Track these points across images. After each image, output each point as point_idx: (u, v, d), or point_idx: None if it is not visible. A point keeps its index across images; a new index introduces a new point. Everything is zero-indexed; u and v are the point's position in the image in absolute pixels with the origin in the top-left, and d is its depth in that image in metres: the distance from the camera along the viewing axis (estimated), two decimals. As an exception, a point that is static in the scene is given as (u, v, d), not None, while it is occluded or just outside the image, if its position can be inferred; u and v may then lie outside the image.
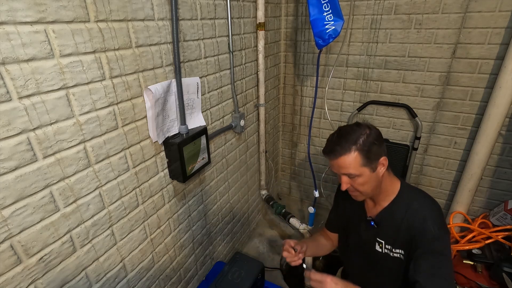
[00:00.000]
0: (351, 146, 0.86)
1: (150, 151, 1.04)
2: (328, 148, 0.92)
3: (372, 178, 0.90)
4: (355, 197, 0.98)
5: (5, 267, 0.68)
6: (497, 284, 1.52)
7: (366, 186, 0.91)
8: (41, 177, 0.71)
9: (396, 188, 0.98)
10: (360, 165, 0.87)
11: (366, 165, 0.87)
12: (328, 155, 0.92)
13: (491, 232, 1.68)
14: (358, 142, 0.86)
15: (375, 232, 1.01)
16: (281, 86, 2.24)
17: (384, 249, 1.00)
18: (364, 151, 0.86)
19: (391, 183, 0.98)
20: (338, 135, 0.91)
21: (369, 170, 0.88)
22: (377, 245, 1.02)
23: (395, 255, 0.97)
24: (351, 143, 0.86)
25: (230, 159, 1.63)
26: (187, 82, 1.10)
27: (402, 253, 0.95)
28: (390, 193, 0.98)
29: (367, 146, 0.86)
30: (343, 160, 0.87)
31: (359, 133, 0.88)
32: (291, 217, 1.85)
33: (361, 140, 0.87)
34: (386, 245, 0.99)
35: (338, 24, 1.44)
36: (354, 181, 0.90)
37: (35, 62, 0.65)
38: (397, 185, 0.99)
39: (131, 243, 1.04)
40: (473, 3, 1.50)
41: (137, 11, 0.87)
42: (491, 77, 1.59)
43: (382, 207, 1.00)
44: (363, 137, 0.87)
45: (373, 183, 0.91)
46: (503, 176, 1.77)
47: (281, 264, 1.96)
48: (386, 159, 0.91)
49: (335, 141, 0.90)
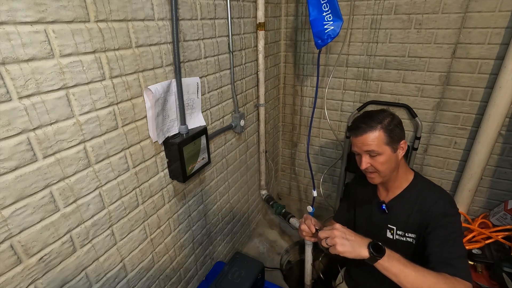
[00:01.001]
0: (376, 125, 0.93)
1: (150, 151, 1.04)
2: (354, 125, 0.97)
3: (392, 158, 0.95)
4: (371, 179, 1.01)
5: (5, 267, 0.68)
6: (497, 284, 1.52)
7: (385, 165, 0.95)
8: (41, 177, 0.71)
9: (410, 178, 1.03)
10: (383, 143, 0.93)
11: (389, 144, 0.93)
12: (354, 131, 0.97)
13: (491, 232, 1.68)
14: (383, 122, 0.94)
15: (386, 217, 1.04)
16: (281, 86, 2.24)
17: (395, 235, 1.02)
18: (388, 130, 0.93)
19: (405, 172, 1.03)
20: (364, 115, 0.98)
21: (390, 149, 0.94)
22: (388, 232, 1.04)
23: (408, 239, 1.00)
24: (377, 122, 0.93)
25: (230, 159, 1.63)
26: (187, 82, 1.10)
27: (413, 237, 0.98)
28: (403, 181, 1.02)
29: (391, 126, 0.93)
30: (368, 137, 0.93)
31: (384, 115, 0.95)
32: (291, 217, 1.85)
33: (386, 121, 0.93)
34: (398, 230, 1.02)
35: (337, 24, 1.44)
36: (374, 160, 0.95)
37: (35, 62, 0.65)
38: (411, 176, 1.03)
39: (131, 243, 1.04)
40: (473, 3, 1.50)
41: (137, 11, 0.87)
42: (491, 77, 1.59)
43: (394, 195, 1.03)
44: (388, 119, 0.94)
45: (392, 164, 0.96)
46: (503, 176, 1.77)
47: (281, 264, 1.96)
48: (406, 143, 0.97)
49: (362, 120, 0.96)
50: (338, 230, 0.81)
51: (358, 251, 0.77)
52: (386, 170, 0.96)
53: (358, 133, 0.95)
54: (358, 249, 0.78)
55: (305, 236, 1.01)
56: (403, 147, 0.97)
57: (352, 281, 1.28)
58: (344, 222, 1.26)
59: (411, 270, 0.75)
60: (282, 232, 2.20)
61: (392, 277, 0.77)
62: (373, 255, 0.76)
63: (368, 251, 0.77)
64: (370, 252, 0.76)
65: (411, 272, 0.75)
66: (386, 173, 0.97)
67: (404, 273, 0.75)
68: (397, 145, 0.95)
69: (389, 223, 1.03)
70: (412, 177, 1.03)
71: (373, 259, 0.77)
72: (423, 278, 0.74)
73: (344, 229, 0.82)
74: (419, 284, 0.74)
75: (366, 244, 0.78)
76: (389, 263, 0.76)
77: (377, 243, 0.78)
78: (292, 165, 2.53)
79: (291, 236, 2.16)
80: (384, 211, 1.04)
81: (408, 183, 1.02)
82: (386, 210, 1.03)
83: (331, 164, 2.26)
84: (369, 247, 0.77)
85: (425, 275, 0.75)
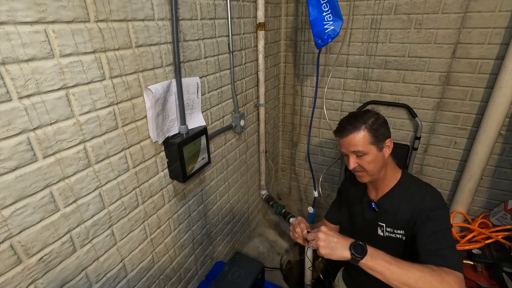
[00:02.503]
0: (361, 125, 0.95)
1: (150, 151, 1.04)
2: (339, 127, 1.00)
3: (379, 157, 0.97)
4: (360, 177, 1.03)
5: (5, 267, 0.68)
6: (497, 284, 1.52)
7: (372, 164, 0.97)
8: (41, 177, 0.71)
9: (398, 176, 1.05)
10: (368, 142, 0.94)
11: (374, 144, 0.95)
12: (339, 133, 0.99)
13: (491, 232, 1.68)
14: (367, 122, 0.95)
15: (376, 215, 1.06)
16: (281, 86, 2.24)
17: (385, 232, 1.04)
18: (373, 130, 0.94)
19: (393, 171, 1.04)
20: (349, 116, 1.00)
21: (376, 149, 0.95)
22: (379, 229, 1.06)
23: (397, 236, 1.01)
24: (361, 122, 0.95)
25: (230, 159, 1.63)
26: (187, 82, 1.10)
27: (403, 233, 1.00)
28: (392, 180, 1.04)
29: (375, 126, 0.94)
30: (353, 137, 0.95)
31: (369, 115, 0.97)
32: (291, 217, 1.85)
33: (371, 120, 0.95)
34: (387, 227, 1.03)
35: (337, 24, 1.44)
36: (361, 160, 0.97)
37: (35, 62, 0.65)
38: (399, 174, 1.05)
39: (131, 243, 1.04)
40: (473, 3, 1.50)
41: (137, 11, 0.87)
42: (491, 77, 1.59)
43: (383, 193, 1.05)
44: (373, 118, 0.96)
45: (379, 162, 0.97)
46: (503, 176, 1.77)
47: (281, 264, 1.96)
48: (392, 141, 0.99)
49: (347, 121, 0.98)
50: (321, 232, 0.83)
51: (340, 253, 0.79)
52: (374, 169, 0.97)
53: (343, 134, 0.97)
54: (339, 251, 0.80)
55: (297, 239, 1.03)
56: (389, 145, 0.98)
57: (351, 280, 1.28)
58: (336, 221, 1.28)
59: (396, 267, 0.75)
60: (282, 232, 2.20)
61: (378, 275, 0.77)
62: (354, 256, 0.77)
63: (349, 252, 0.78)
64: (351, 253, 0.78)
65: (395, 269, 0.75)
66: (374, 172, 0.98)
67: (389, 270, 0.75)
68: (382, 144, 0.97)
69: (379, 220, 1.05)
70: (399, 175, 1.04)
71: (355, 259, 0.78)
72: (407, 273, 0.74)
73: (328, 231, 0.83)
74: (405, 279, 0.74)
75: (348, 245, 0.79)
76: (372, 262, 0.77)
77: (359, 243, 0.79)
78: (292, 165, 2.53)
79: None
80: (374, 210, 1.06)
81: (396, 181, 1.03)
82: (376, 208, 1.05)
83: (330, 164, 2.26)
84: (350, 248, 0.78)
85: (410, 269, 0.75)
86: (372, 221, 1.08)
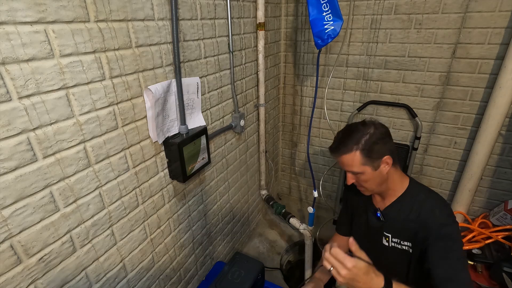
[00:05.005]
0: (352, 146, 0.90)
1: (150, 151, 1.04)
2: (333, 144, 0.97)
3: (375, 175, 0.93)
4: (361, 191, 1.02)
5: (5, 267, 0.68)
6: (497, 284, 1.52)
7: (369, 183, 0.94)
8: (41, 177, 0.71)
9: (405, 185, 1.01)
10: (361, 164, 0.91)
11: (367, 164, 0.91)
12: (332, 152, 0.97)
13: (491, 232, 1.68)
14: (360, 142, 0.90)
15: (382, 225, 1.04)
16: (281, 86, 2.24)
17: (390, 243, 1.02)
18: (365, 150, 0.89)
19: (399, 181, 1.00)
20: (343, 133, 0.96)
21: (371, 168, 0.92)
22: (384, 239, 1.03)
23: (404, 248, 0.99)
24: (353, 143, 0.90)
25: (230, 159, 1.63)
26: (187, 82, 1.10)
27: (409, 245, 0.97)
28: (398, 189, 1.00)
29: (368, 145, 0.89)
30: (346, 159, 0.92)
31: (363, 133, 0.91)
32: (291, 217, 1.85)
33: (363, 140, 0.90)
34: (393, 238, 1.01)
35: (337, 24, 1.44)
36: (358, 177, 0.95)
37: (35, 62, 0.65)
38: (406, 183, 1.01)
39: (131, 243, 1.04)
40: (473, 3, 1.50)
41: (137, 11, 0.87)
42: (491, 77, 1.59)
43: (389, 202, 1.02)
44: (366, 137, 0.90)
45: (376, 180, 0.94)
46: (503, 176, 1.77)
47: (281, 264, 1.96)
48: (391, 158, 0.93)
49: (340, 140, 0.95)
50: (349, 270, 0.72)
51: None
52: (371, 186, 0.95)
53: (336, 154, 0.95)
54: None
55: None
56: (387, 162, 0.92)
57: None
58: (348, 233, 1.24)
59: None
60: (282, 232, 2.20)
61: None
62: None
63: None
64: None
65: None
66: (373, 188, 0.97)
67: None
68: (378, 162, 0.91)
69: (385, 230, 1.03)
70: (407, 184, 1.00)
71: None
72: None
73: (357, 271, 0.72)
74: None
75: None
76: None
77: None
78: (292, 165, 2.53)
79: (291, 236, 2.16)
80: (379, 219, 1.03)
81: (403, 190, 1.00)
82: (382, 217, 1.02)
83: (331, 164, 2.26)
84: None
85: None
86: (377, 230, 1.05)
